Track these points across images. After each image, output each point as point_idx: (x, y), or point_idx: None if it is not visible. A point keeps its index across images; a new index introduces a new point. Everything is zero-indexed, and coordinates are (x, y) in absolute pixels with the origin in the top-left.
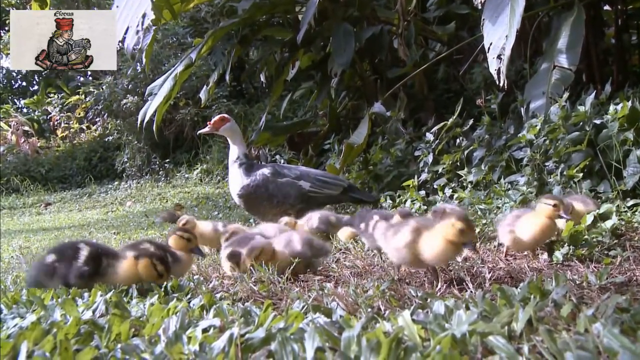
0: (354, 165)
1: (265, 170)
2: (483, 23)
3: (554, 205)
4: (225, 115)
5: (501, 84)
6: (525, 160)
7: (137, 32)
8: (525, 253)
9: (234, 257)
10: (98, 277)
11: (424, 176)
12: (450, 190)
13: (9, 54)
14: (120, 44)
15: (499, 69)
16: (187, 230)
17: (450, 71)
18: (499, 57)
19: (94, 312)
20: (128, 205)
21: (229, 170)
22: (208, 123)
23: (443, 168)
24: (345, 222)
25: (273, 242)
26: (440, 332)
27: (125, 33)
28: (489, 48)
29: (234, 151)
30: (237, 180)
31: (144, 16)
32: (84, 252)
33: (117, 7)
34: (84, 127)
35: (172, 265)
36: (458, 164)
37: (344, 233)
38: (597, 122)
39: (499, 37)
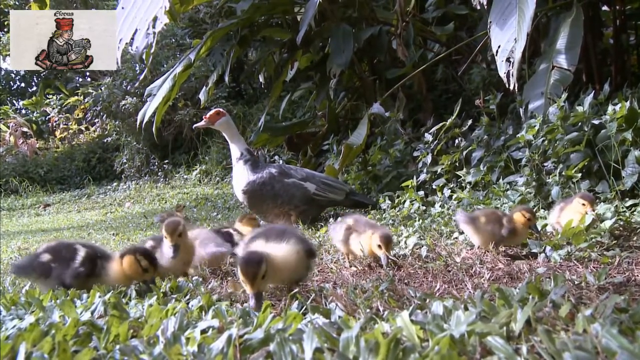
0: (352, 166)
1: (273, 169)
2: (490, 26)
3: None
4: (221, 110)
5: (511, 87)
6: (523, 161)
7: (148, 35)
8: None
9: None
10: (94, 278)
11: (422, 177)
12: (449, 190)
13: (8, 55)
14: (129, 47)
15: (508, 72)
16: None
17: (449, 72)
18: (508, 60)
19: (92, 313)
20: (127, 206)
21: (233, 167)
22: (204, 117)
23: (442, 168)
24: None
25: None
26: (438, 333)
27: (134, 36)
28: (497, 51)
29: (235, 148)
30: (242, 176)
31: (155, 19)
32: (81, 253)
33: (123, 8)
34: (83, 128)
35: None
36: (457, 164)
37: None
38: (596, 122)
39: (507, 39)
